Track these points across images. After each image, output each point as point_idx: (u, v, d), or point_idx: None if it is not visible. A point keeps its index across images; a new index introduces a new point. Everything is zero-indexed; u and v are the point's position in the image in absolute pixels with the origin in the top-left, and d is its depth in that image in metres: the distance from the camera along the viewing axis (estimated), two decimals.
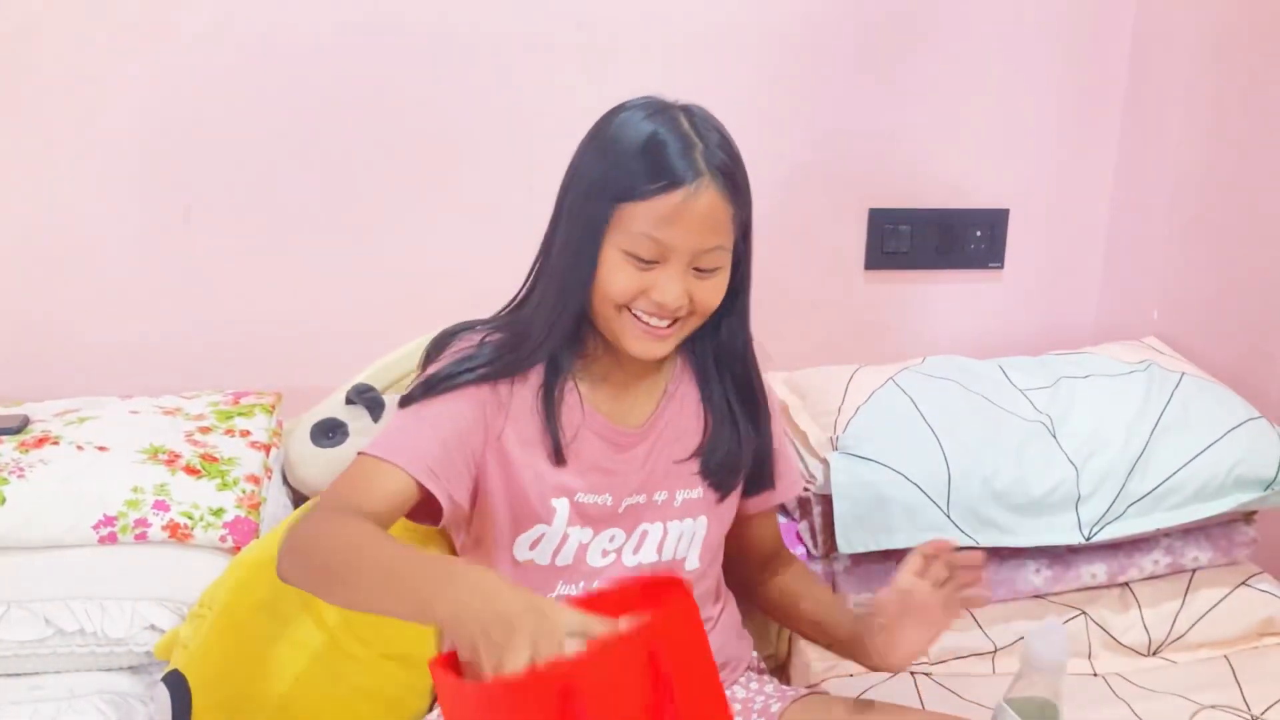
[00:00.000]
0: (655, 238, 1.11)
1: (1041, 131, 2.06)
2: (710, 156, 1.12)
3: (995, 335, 2.08)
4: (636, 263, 1.12)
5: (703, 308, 1.16)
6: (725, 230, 1.14)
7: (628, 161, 1.11)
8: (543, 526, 1.22)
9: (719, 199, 1.12)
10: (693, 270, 1.13)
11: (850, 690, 1.53)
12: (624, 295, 1.13)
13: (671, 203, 1.10)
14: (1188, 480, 1.65)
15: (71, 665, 1.39)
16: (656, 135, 1.12)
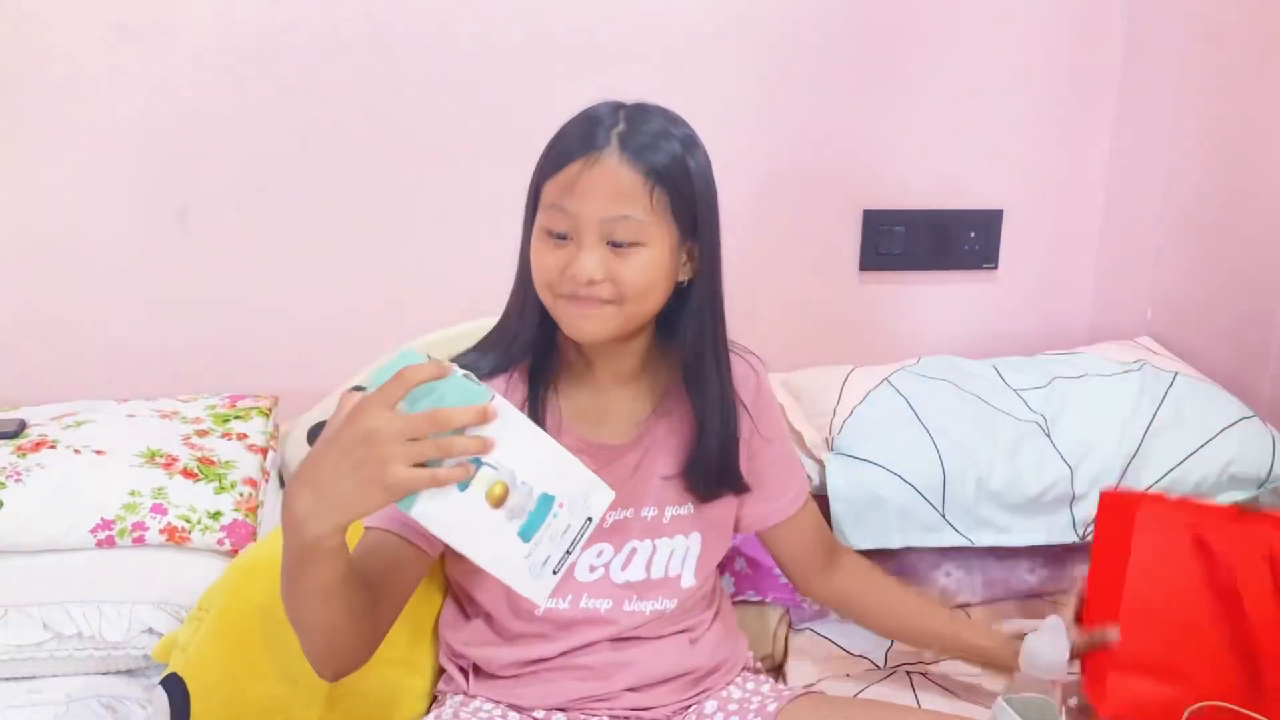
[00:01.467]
0: (560, 206, 1.12)
1: (1035, 132, 2.06)
2: (625, 134, 1.13)
3: (990, 335, 2.09)
4: (553, 239, 1.14)
5: (628, 288, 1.13)
6: (638, 203, 1.11)
7: (552, 144, 1.16)
8: None
9: (623, 169, 1.11)
10: (609, 245, 1.13)
11: (846, 691, 1.53)
12: (547, 273, 1.14)
13: (572, 171, 1.12)
14: (1182, 479, 1.65)
15: (69, 669, 1.39)
16: (585, 116, 1.16)
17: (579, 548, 0.97)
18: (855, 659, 1.61)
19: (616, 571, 1.25)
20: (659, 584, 1.27)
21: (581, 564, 1.24)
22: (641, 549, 1.26)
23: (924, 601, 1.45)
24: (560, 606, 1.24)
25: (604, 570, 1.25)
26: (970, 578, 1.66)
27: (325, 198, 1.82)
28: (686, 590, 1.28)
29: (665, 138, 1.14)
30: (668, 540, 1.27)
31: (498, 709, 1.26)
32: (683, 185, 1.14)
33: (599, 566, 1.25)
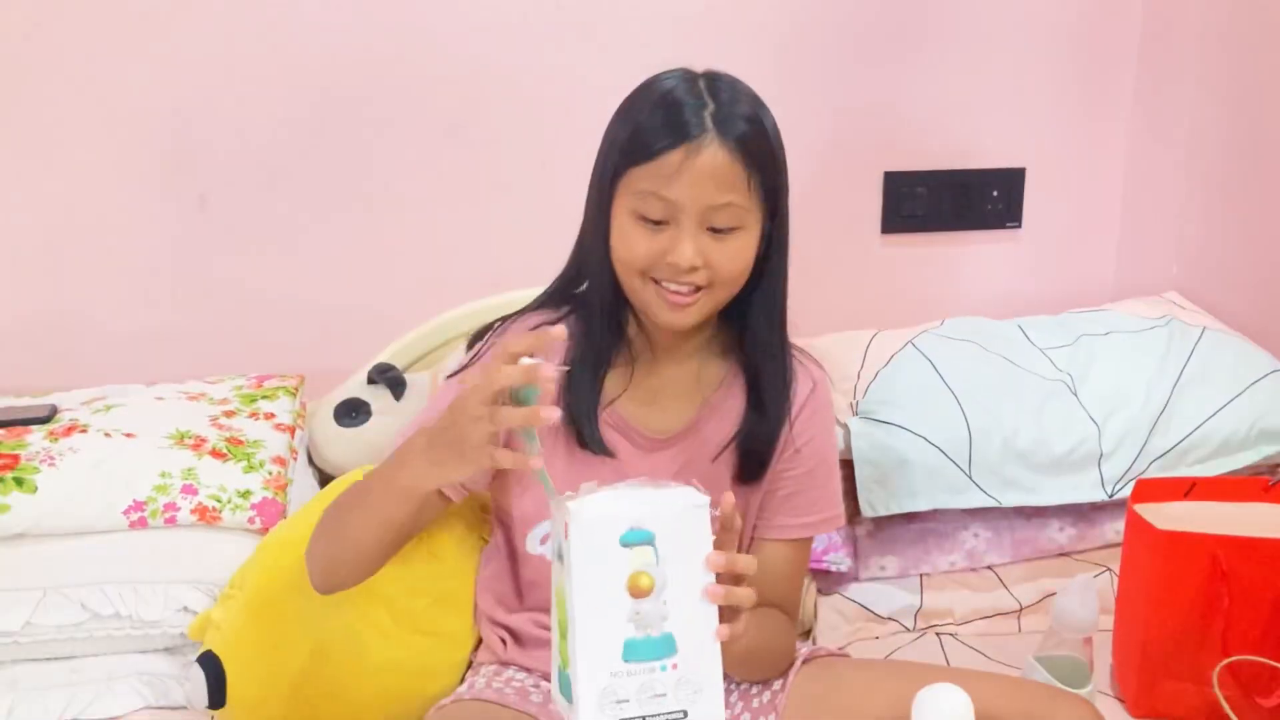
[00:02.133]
0: (660, 195, 1.10)
1: (1056, 88, 2.04)
2: (721, 116, 1.10)
3: (1014, 295, 2.07)
4: (647, 224, 1.12)
5: (723, 273, 1.13)
6: (738, 189, 1.11)
7: (637, 123, 1.12)
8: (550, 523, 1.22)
9: (727, 157, 1.09)
10: (707, 231, 1.12)
11: (874, 653, 1.54)
12: (640, 259, 1.12)
13: (675, 159, 1.09)
14: (1211, 435, 1.64)
15: (108, 648, 1.41)
16: (666, 96, 1.12)
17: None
18: (884, 621, 1.61)
19: None
20: None
21: None
22: None
23: None
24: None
25: None
26: (998, 538, 1.65)
27: (344, 179, 1.82)
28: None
29: (753, 116, 1.13)
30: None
31: (530, 678, 1.27)
32: (771, 166, 1.14)
33: None
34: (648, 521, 0.89)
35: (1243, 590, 1.35)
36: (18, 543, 1.38)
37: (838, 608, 1.61)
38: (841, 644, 1.57)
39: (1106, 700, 1.45)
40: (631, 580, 0.88)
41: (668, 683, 0.89)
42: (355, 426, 1.65)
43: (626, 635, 0.88)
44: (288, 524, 1.43)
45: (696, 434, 1.25)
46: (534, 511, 1.23)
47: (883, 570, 1.64)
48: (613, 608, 0.88)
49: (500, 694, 1.23)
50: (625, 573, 0.88)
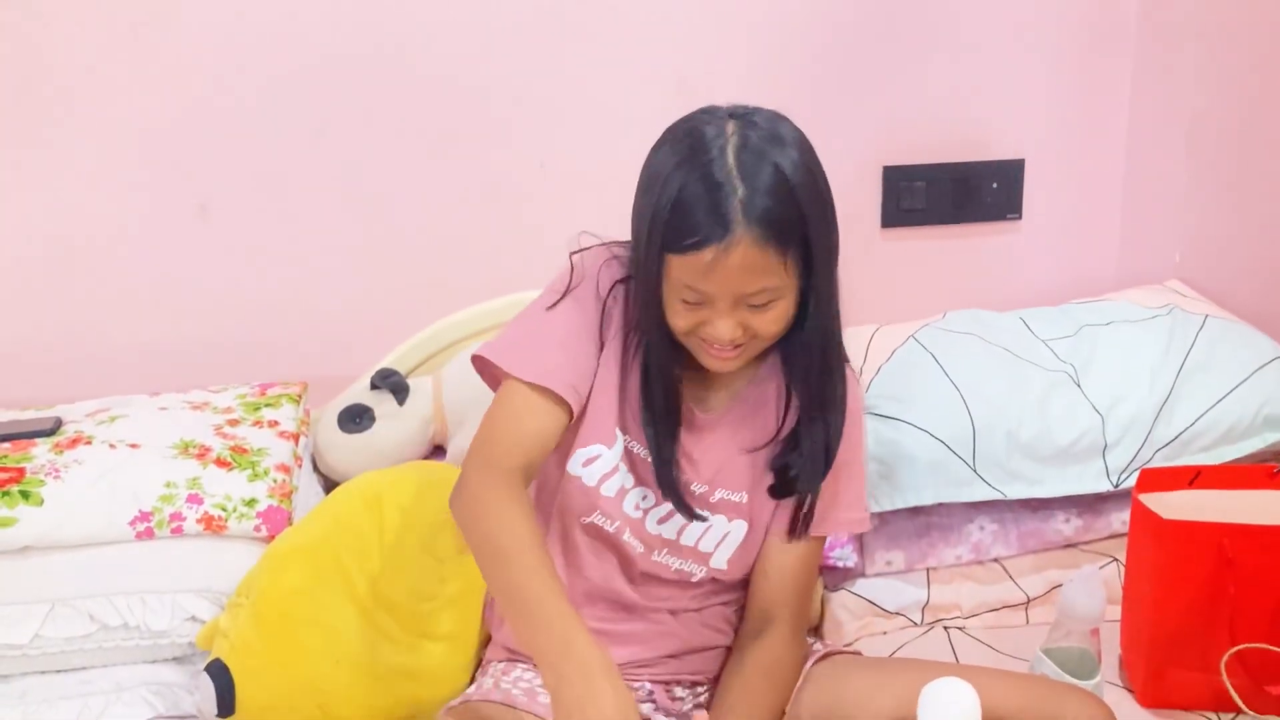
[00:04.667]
0: (695, 288, 1.12)
1: (1054, 78, 2.03)
2: (749, 204, 1.08)
3: (1016, 287, 2.06)
4: (688, 304, 1.14)
5: (763, 335, 1.16)
6: (772, 273, 1.10)
7: (663, 214, 1.10)
8: (600, 447, 1.23)
9: (756, 249, 1.08)
10: (745, 306, 1.13)
11: (882, 648, 1.54)
12: (682, 329, 1.16)
13: (704, 260, 1.09)
14: (1215, 423, 1.64)
15: (118, 659, 1.42)
16: (685, 190, 1.09)
17: None
18: (892, 616, 1.61)
19: (653, 522, 1.26)
20: (688, 551, 1.27)
21: (630, 499, 1.25)
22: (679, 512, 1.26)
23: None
24: (607, 528, 1.25)
25: (643, 515, 1.26)
26: (1004, 531, 1.65)
27: (344, 185, 1.83)
28: (717, 570, 1.28)
29: (781, 189, 1.10)
30: (708, 515, 1.26)
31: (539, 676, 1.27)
32: (809, 230, 1.12)
33: (642, 509, 1.26)
34: None
35: (1249, 578, 1.35)
36: (25, 556, 1.39)
37: (845, 603, 1.61)
38: (849, 639, 1.57)
39: (1115, 690, 1.45)
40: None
41: None
42: (359, 432, 1.66)
43: None
44: (293, 531, 1.43)
45: (730, 422, 1.26)
46: (589, 432, 1.24)
47: (889, 565, 1.64)
48: None
49: (508, 695, 1.24)
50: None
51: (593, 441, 1.24)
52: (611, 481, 1.24)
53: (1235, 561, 1.34)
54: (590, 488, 1.24)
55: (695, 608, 1.30)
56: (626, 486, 1.25)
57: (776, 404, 1.26)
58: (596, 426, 1.23)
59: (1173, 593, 1.39)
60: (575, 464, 1.24)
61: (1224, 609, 1.36)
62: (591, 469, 1.24)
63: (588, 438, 1.24)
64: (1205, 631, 1.37)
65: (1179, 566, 1.38)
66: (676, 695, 1.30)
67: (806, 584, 1.31)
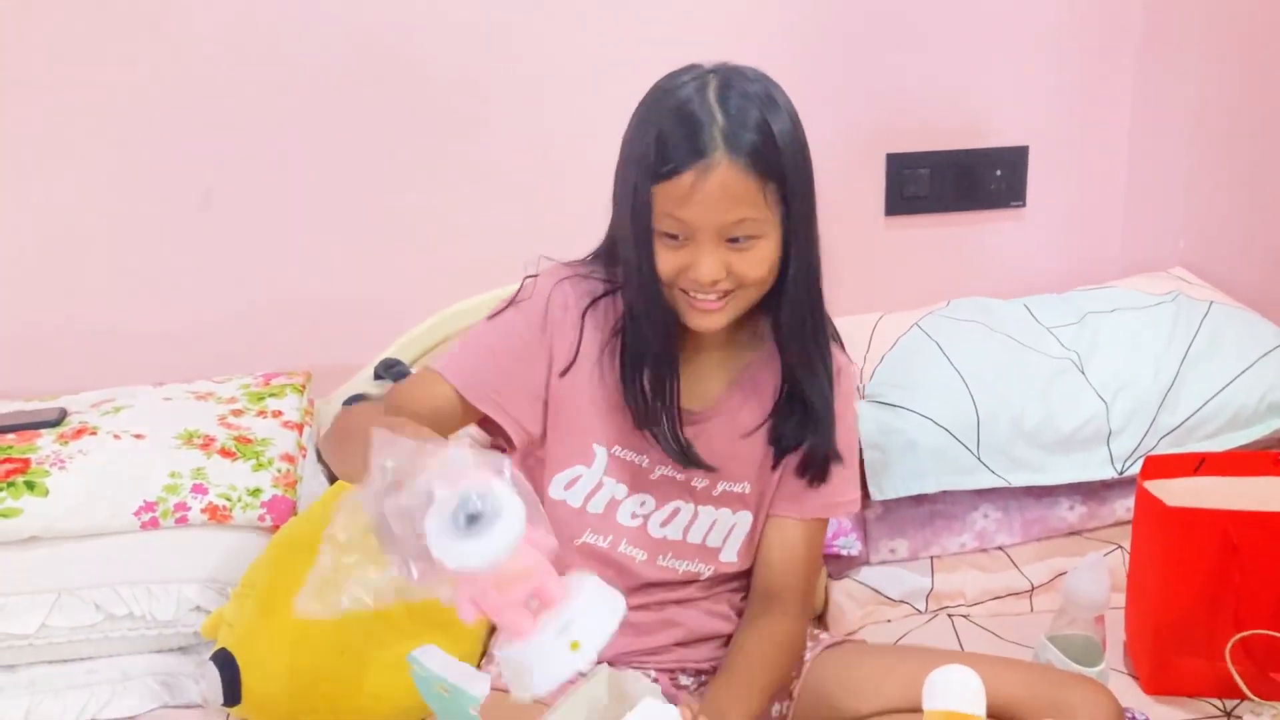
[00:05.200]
0: (675, 216, 1.11)
1: (1058, 64, 2.02)
2: (731, 131, 1.09)
3: (1020, 275, 2.06)
4: (670, 241, 1.13)
5: (748, 280, 1.15)
6: (752, 203, 1.11)
7: (649, 143, 1.12)
8: (580, 468, 1.23)
9: (738, 174, 1.09)
10: (726, 244, 1.13)
11: (886, 636, 1.54)
12: (666, 274, 1.14)
13: (684, 183, 1.09)
14: (1220, 410, 1.64)
15: (124, 648, 1.42)
16: (673, 115, 1.11)
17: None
18: (896, 604, 1.62)
19: (655, 525, 1.26)
20: (694, 549, 1.27)
21: (625, 509, 1.25)
22: (684, 510, 1.26)
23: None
24: (600, 545, 1.25)
25: (643, 521, 1.26)
26: (1008, 518, 1.65)
27: (348, 174, 1.82)
28: (727, 564, 1.28)
29: (763, 125, 1.11)
30: (712, 510, 1.26)
31: None
32: (788, 169, 1.13)
33: (640, 515, 1.25)
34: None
35: (1254, 565, 1.35)
36: (31, 546, 1.39)
37: (849, 592, 1.61)
38: (853, 628, 1.57)
39: (1120, 677, 1.45)
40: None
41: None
42: None
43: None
44: (298, 521, 1.43)
45: (726, 411, 1.26)
46: (565, 455, 1.24)
47: (893, 553, 1.64)
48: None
49: None
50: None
51: (570, 464, 1.23)
52: (598, 498, 1.24)
53: (1240, 548, 1.34)
54: (576, 509, 1.24)
55: (702, 596, 1.30)
56: (618, 497, 1.24)
57: (771, 388, 1.25)
58: (571, 448, 1.23)
59: (1177, 580, 1.39)
60: (557, 489, 1.24)
61: (1229, 596, 1.36)
62: (574, 490, 1.24)
63: (563, 460, 1.24)
64: (1210, 618, 1.38)
65: (1184, 553, 1.38)
66: (682, 684, 1.30)
67: (810, 566, 1.30)
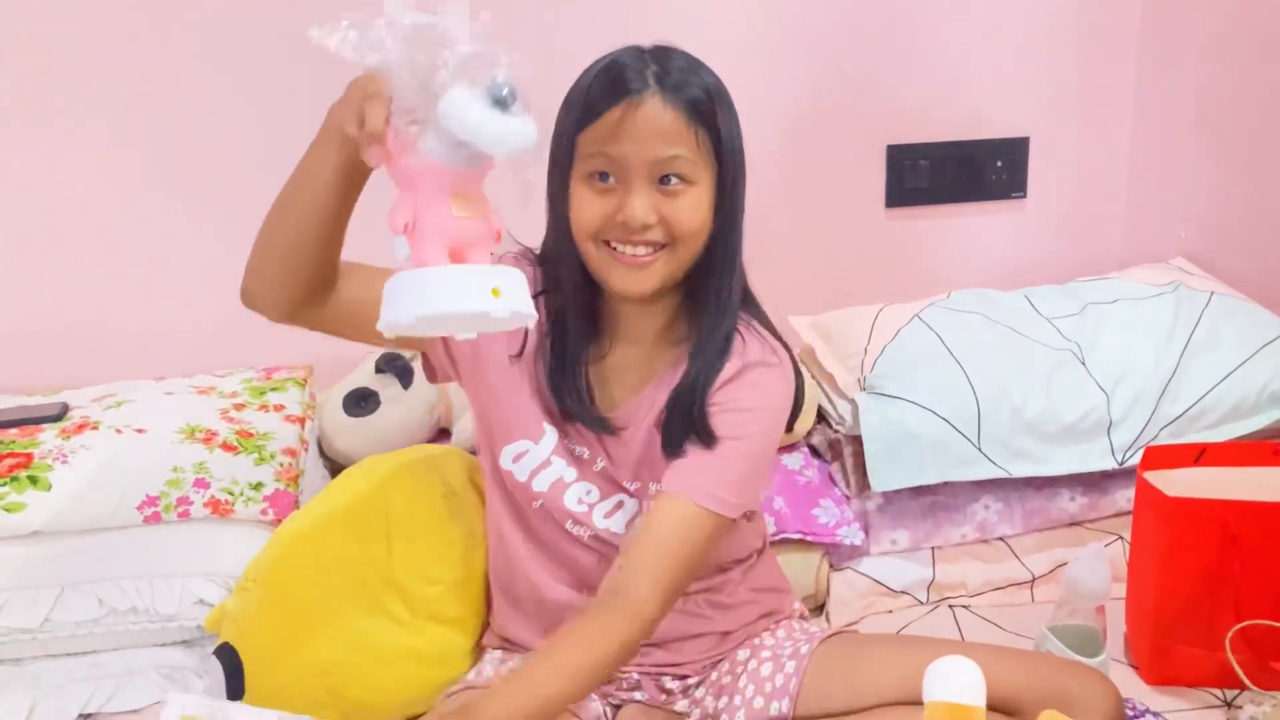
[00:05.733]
0: (605, 152, 1.10)
1: (1058, 55, 2.02)
2: (663, 74, 1.11)
3: (1021, 266, 2.06)
4: (598, 185, 1.12)
5: (679, 229, 1.12)
6: (684, 143, 1.10)
7: (583, 92, 1.13)
8: (527, 443, 1.23)
9: (668, 109, 1.10)
10: (658, 189, 1.11)
11: (887, 627, 1.54)
12: (591, 222, 1.12)
13: (616, 115, 1.09)
14: (1220, 400, 1.64)
15: (127, 642, 1.42)
16: (609, 64, 1.13)
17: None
18: (897, 595, 1.62)
19: (599, 516, 1.26)
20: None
21: (572, 493, 1.24)
22: (628, 505, 1.25)
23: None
24: (555, 515, 1.25)
25: (589, 509, 1.25)
26: (1009, 509, 1.66)
27: None
28: None
29: (697, 75, 1.12)
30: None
31: None
32: (719, 125, 1.13)
33: (585, 503, 1.25)
34: None
35: (1254, 555, 1.35)
36: (34, 541, 1.40)
37: (850, 582, 1.61)
38: (854, 618, 1.58)
39: (1120, 668, 1.46)
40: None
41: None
42: (365, 416, 1.66)
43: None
44: (300, 515, 1.43)
45: (641, 413, 1.22)
46: (513, 426, 1.23)
47: (894, 544, 1.64)
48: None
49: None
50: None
51: (517, 437, 1.23)
52: (544, 475, 1.24)
53: (1240, 538, 1.35)
54: (521, 483, 1.24)
55: None
56: (567, 480, 1.24)
57: (675, 373, 1.20)
58: (518, 421, 1.23)
59: (1178, 570, 1.39)
60: (506, 459, 1.25)
61: (1229, 586, 1.36)
62: (521, 464, 1.24)
63: (511, 433, 1.24)
64: (1210, 608, 1.38)
65: (1184, 544, 1.38)
66: (666, 687, 1.30)
67: (667, 547, 1.11)
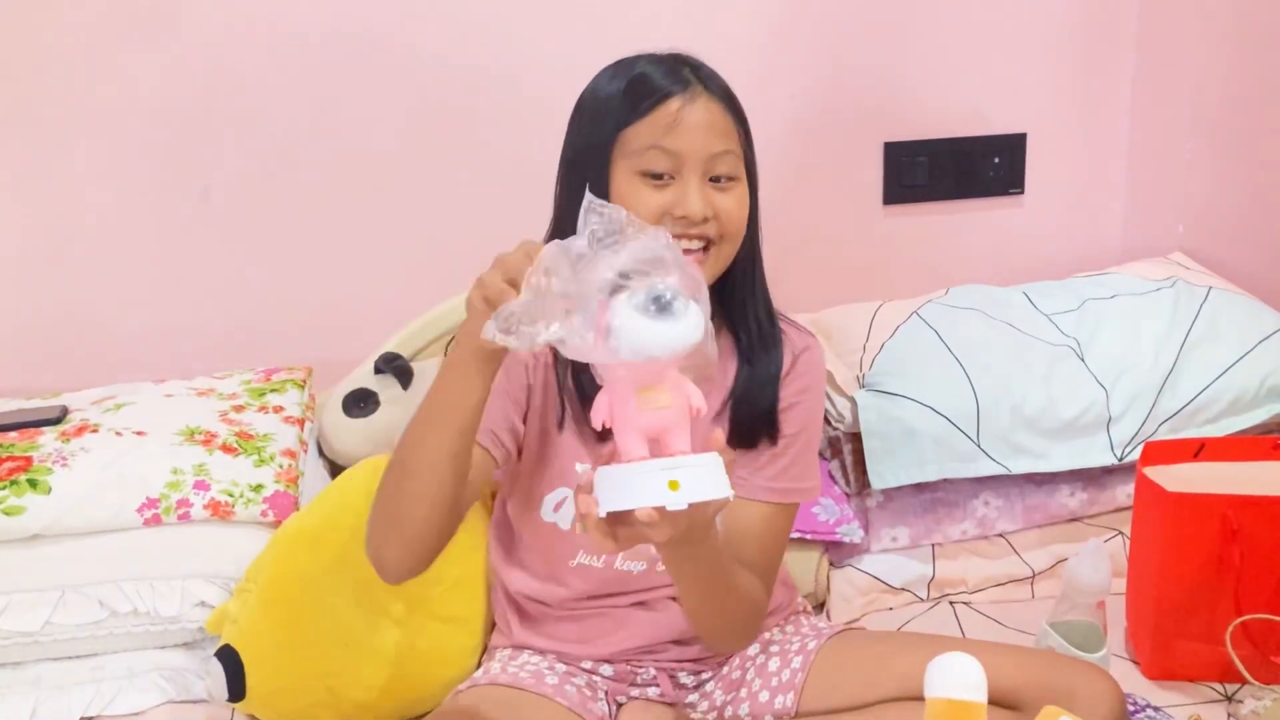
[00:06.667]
0: (663, 146, 1.12)
1: (1056, 51, 2.02)
2: (701, 72, 1.15)
3: (1020, 262, 2.06)
4: (652, 181, 1.13)
5: (730, 225, 1.15)
6: (732, 138, 1.14)
7: (621, 94, 1.14)
8: (566, 490, 1.23)
9: (717, 106, 1.14)
10: (709, 182, 1.14)
11: (888, 624, 1.54)
12: (649, 218, 1.12)
13: (670, 110, 1.12)
14: (1220, 394, 1.64)
15: (129, 645, 1.42)
16: (643, 63, 1.16)
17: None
18: (898, 592, 1.62)
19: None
20: None
21: None
22: None
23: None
24: (595, 564, 1.25)
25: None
26: (1009, 505, 1.66)
27: (347, 168, 1.83)
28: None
29: (722, 78, 1.16)
30: None
31: (545, 660, 1.28)
32: (747, 132, 1.17)
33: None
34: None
35: (1254, 549, 1.35)
36: (34, 544, 1.39)
37: (851, 580, 1.61)
38: (855, 616, 1.58)
39: (1121, 663, 1.46)
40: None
41: None
42: (364, 417, 1.66)
43: None
44: (300, 516, 1.43)
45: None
46: (550, 477, 1.24)
47: (894, 541, 1.64)
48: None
49: (515, 678, 1.24)
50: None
51: (556, 485, 1.24)
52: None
53: (1240, 533, 1.35)
54: (566, 531, 1.24)
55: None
56: None
57: (724, 377, 1.23)
58: (556, 470, 1.23)
59: (1178, 565, 1.40)
60: (548, 511, 1.25)
61: (1229, 580, 1.36)
62: (563, 512, 1.24)
63: (551, 482, 1.24)
64: (1210, 603, 1.38)
65: (1184, 539, 1.38)
66: (681, 682, 1.30)
67: (774, 549, 1.24)
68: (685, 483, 0.89)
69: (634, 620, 1.27)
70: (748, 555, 1.22)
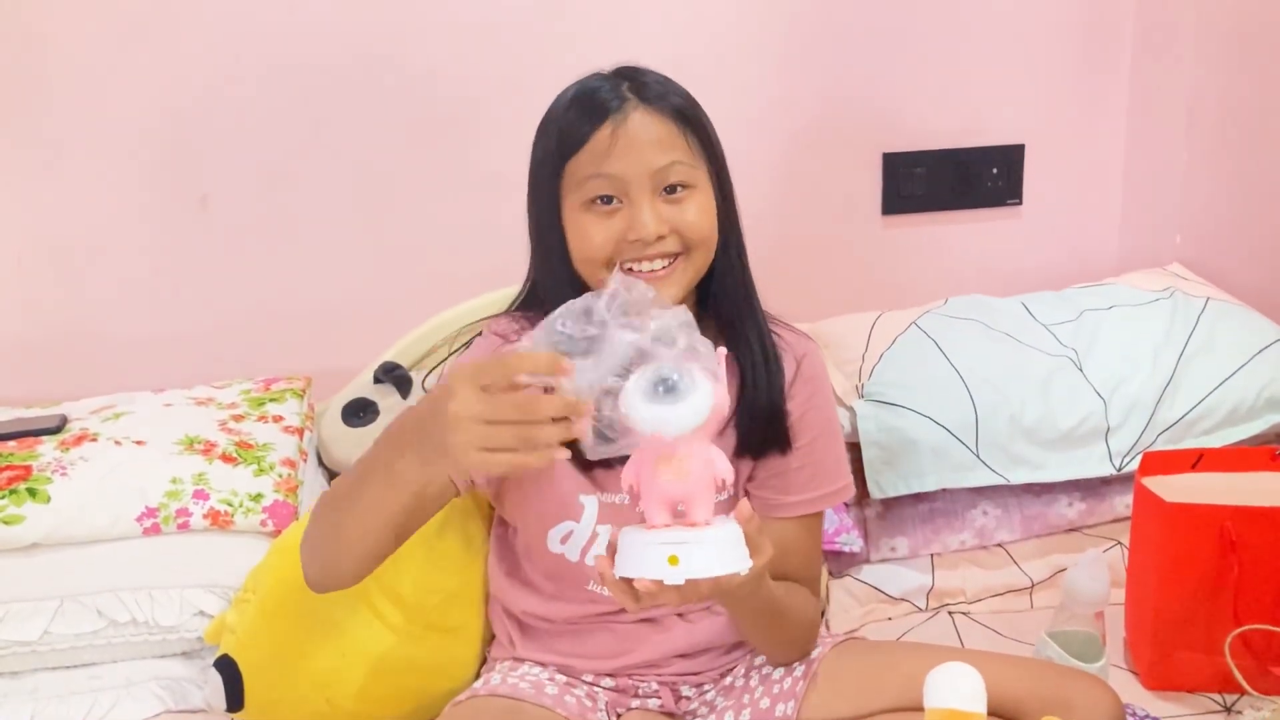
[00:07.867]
0: (604, 173, 1.10)
1: (1053, 62, 2.03)
2: (636, 88, 1.12)
3: (1017, 273, 2.07)
4: (599, 209, 1.12)
5: (692, 235, 1.13)
6: (677, 147, 1.12)
7: (560, 123, 1.13)
8: (570, 523, 1.23)
9: (655, 118, 1.11)
10: (662, 197, 1.12)
11: (887, 634, 1.54)
12: (600, 248, 1.12)
13: (604, 135, 1.10)
14: (1218, 405, 1.64)
15: (127, 654, 1.42)
16: (580, 89, 1.14)
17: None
18: (897, 602, 1.62)
19: None
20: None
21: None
22: None
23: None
24: (605, 593, 1.24)
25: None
26: (1008, 515, 1.66)
27: (345, 177, 1.83)
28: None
29: (672, 85, 1.14)
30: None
31: (545, 671, 1.28)
32: (704, 128, 1.14)
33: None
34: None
35: (1253, 560, 1.35)
36: (33, 553, 1.39)
37: (849, 589, 1.61)
38: (854, 625, 1.58)
39: (1120, 673, 1.46)
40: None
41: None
42: (363, 426, 1.66)
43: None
44: (299, 526, 1.43)
45: None
46: (553, 511, 1.23)
47: (893, 551, 1.64)
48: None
49: (515, 689, 1.24)
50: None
51: (561, 519, 1.23)
52: (597, 548, 1.22)
53: (1238, 543, 1.35)
54: (574, 563, 1.24)
55: (701, 605, 1.29)
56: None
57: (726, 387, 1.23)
58: (558, 504, 1.23)
59: (1176, 575, 1.40)
60: (554, 543, 1.24)
61: (1227, 591, 1.37)
62: (570, 544, 1.23)
63: (555, 515, 1.23)
64: (1209, 613, 1.38)
65: (1182, 549, 1.38)
66: (684, 695, 1.30)
67: (815, 559, 1.28)
68: (685, 558, 0.91)
69: (641, 637, 1.27)
70: (793, 570, 1.22)
